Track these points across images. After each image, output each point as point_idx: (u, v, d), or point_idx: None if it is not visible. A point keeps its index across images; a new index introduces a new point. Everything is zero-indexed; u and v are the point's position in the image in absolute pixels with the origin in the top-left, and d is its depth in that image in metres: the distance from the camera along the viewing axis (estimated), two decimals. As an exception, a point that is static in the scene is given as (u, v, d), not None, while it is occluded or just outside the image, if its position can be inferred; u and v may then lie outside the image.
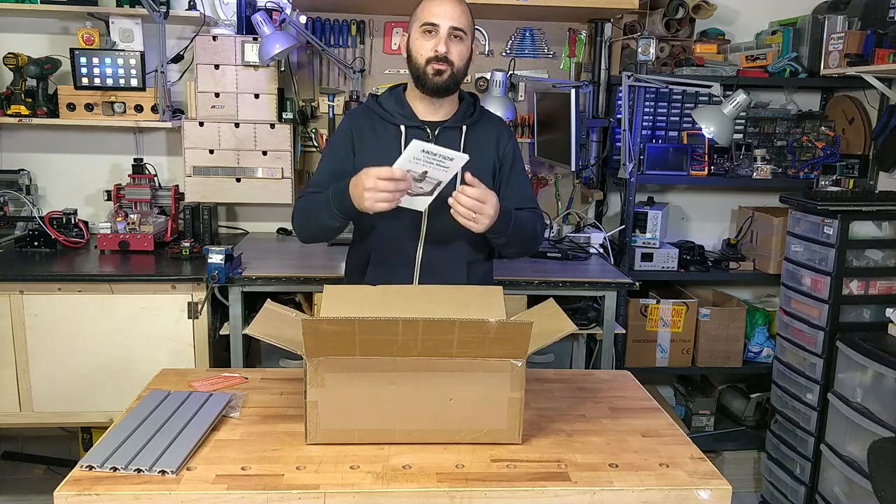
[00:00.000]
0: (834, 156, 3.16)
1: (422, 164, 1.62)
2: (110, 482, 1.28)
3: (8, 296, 2.54)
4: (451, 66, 1.81)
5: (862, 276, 2.67)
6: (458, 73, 1.83)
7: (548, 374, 1.88)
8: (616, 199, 3.42)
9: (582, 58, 3.31)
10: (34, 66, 2.89)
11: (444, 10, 1.79)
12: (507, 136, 1.97)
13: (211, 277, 2.49)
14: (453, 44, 1.81)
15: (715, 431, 3.37)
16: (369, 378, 1.41)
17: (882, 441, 2.25)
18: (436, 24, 1.79)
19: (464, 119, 1.90)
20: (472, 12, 1.87)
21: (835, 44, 2.81)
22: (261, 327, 1.56)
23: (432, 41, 1.80)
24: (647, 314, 3.14)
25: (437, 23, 1.79)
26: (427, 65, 1.81)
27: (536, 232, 1.94)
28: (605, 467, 1.40)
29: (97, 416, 2.66)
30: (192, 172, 3.01)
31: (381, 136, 1.87)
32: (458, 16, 1.80)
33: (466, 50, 1.84)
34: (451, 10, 1.80)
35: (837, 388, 2.65)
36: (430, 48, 1.79)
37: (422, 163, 1.61)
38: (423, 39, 1.81)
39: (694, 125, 2.98)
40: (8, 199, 3.07)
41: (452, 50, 1.80)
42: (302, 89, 3.22)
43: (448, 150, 1.61)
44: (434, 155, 1.60)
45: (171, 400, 1.58)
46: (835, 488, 2.65)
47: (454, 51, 1.81)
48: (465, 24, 1.82)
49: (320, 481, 1.31)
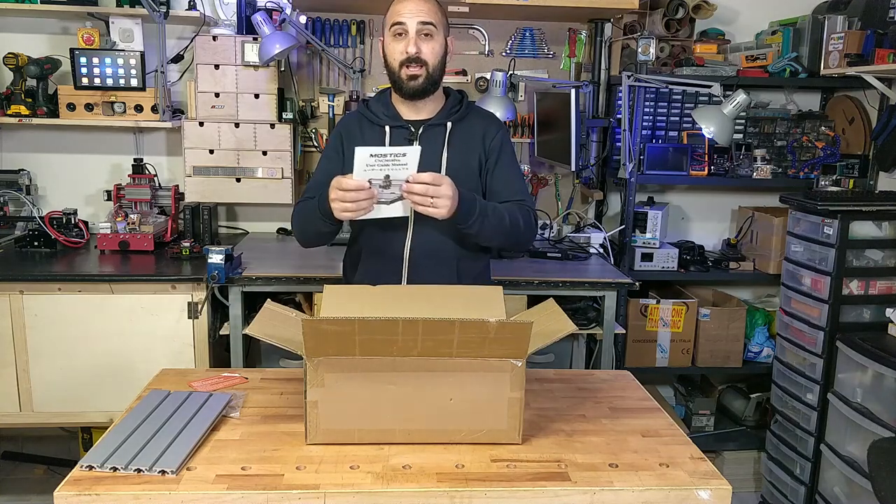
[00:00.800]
0: (834, 156, 3.16)
1: (377, 169, 1.60)
2: (110, 482, 1.28)
3: (8, 296, 2.54)
4: (424, 66, 1.80)
5: (862, 276, 2.67)
6: (433, 72, 1.82)
7: (548, 374, 1.88)
8: (616, 199, 3.42)
9: (582, 58, 3.31)
10: (34, 66, 2.89)
11: (409, 7, 1.79)
12: (495, 129, 1.94)
13: (211, 277, 2.49)
14: (424, 42, 1.80)
15: (715, 431, 3.37)
16: (369, 378, 1.41)
17: (882, 441, 2.25)
18: (403, 22, 1.79)
19: (449, 116, 1.89)
20: (442, 6, 1.85)
21: (835, 44, 2.81)
22: (261, 327, 1.56)
23: (403, 42, 1.79)
24: (647, 314, 3.14)
25: (404, 21, 1.78)
26: (401, 69, 1.81)
27: (518, 223, 1.83)
28: (605, 467, 1.40)
29: (97, 416, 2.66)
30: (192, 172, 3.01)
31: (368, 138, 1.88)
32: (426, 11, 1.79)
33: (440, 46, 1.83)
34: (415, 7, 1.79)
35: (837, 388, 2.65)
36: (402, 50, 1.79)
37: (377, 168, 1.60)
38: (395, 42, 1.81)
39: (694, 125, 2.98)
40: (8, 199, 3.07)
41: (424, 48, 1.80)
42: (302, 89, 3.22)
43: (396, 148, 1.60)
44: (385, 156, 1.59)
45: (171, 400, 1.58)
46: (835, 488, 2.65)
47: (426, 49, 1.80)
48: (435, 19, 1.81)
49: (320, 481, 1.31)
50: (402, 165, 1.61)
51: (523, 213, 1.87)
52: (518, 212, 1.85)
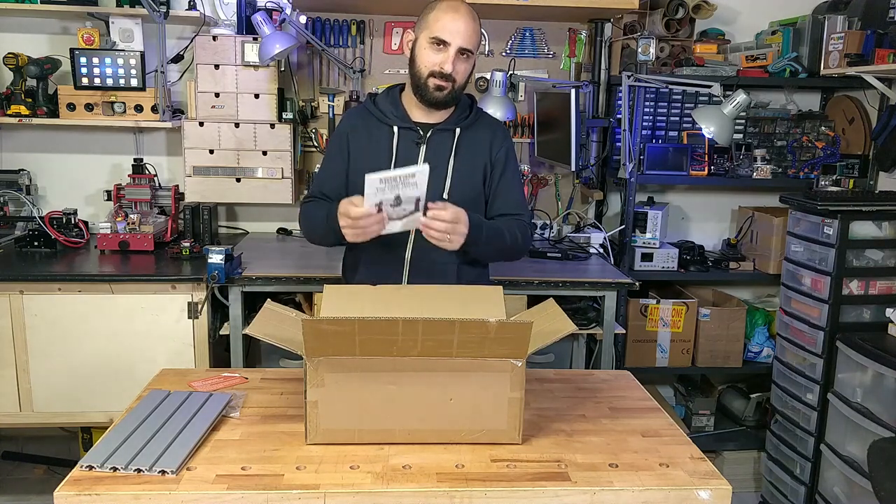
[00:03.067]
0: (834, 156, 3.16)
1: (387, 191, 1.60)
2: (110, 482, 1.28)
3: (8, 296, 2.54)
4: (452, 83, 1.80)
5: (862, 276, 2.67)
6: (458, 89, 1.83)
7: (548, 374, 1.88)
8: (616, 199, 3.42)
9: (582, 58, 3.31)
10: (34, 66, 2.88)
11: (457, 27, 1.76)
12: (502, 139, 1.94)
13: (211, 277, 2.49)
14: (460, 62, 1.79)
15: (715, 431, 3.37)
16: (369, 378, 1.41)
17: (882, 441, 2.25)
18: (447, 41, 1.77)
19: (458, 122, 1.89)
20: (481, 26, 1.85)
21: (835, 44, 2.81)
22: (261, 327, 1.56)
23: (439, 56, 1.78)
24: (647, 314, 3.14)
25: (449, 41, 1.77)
26: (429, 77, 1.80)
27: (516, 241, 1.88)
28: (605, 467, 1.40)
29: (97, 416, 2.66)
30: (192, 172, 3.01)
31: (375, 137, 1.88)
32: (470, 36, 1.78)
33: (470, 67, 1.84)
34: (464, 30, 1.77)
35: (837, 388, 2.65)
36: (436, 63, 1.78)
37: (386, 190, 1.60)
38: (430, 51, 1.79)
39: (694, 125, 2.98)
40: (8, 199, 3.07)
41: (458, 68, 1.79)
42: (302, 89, 3.22)
43: (404, 169, 1.59)
44: (394, 179, 1.59)
45: (171, 400, 1.58)
46: (835, 488, 2.65)
47: (459, 69, 1.80)
48: (474, 45, 1.81)
49: (320, 481, 1.31)
50: (412, 184, 1.61)
51: (521, 228, 1.91)
52: (517, 228, 1.89)
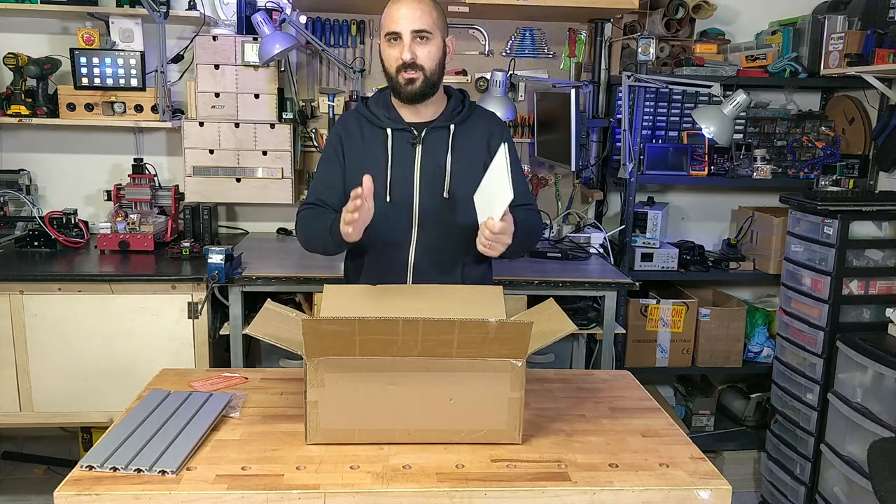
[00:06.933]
0: (834, 156, 3.16)
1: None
2: (110, 482, 1.28)
3: (8, 296, 2.54)
4: (421, 70, 1.77)
5: (862, 276, 2.67)
6: (431, 75, 1.79)
7: (548, 374, 1.88)
8: (616, 199, 3.42)
9: (582, 58, 3.31)
10: (34, 66, 2.89)
11: (402, 14, 1.75)
12: (500, 132, 1.92)
13: (211, 277, 2.49)
14: (419, 46, 1.76)
15: (715, 431, 3.37)
16: (369, 378, 1.41)
17: (882, 441, 2.25)
18: (397, 31, 1.76)
19: (451, 118, 1.87)
20: (439, 6, 1.81)
21: (835, 44, 2.81)
22: (261, 327, 1.56)
23: (397, 49, 1.77)
24: (647, 314, 3.14)
25: (398, 30, 1.75)
26: (398, 73, 1.79)
27: (537, 233, 1.96)
28: (605, 467, 1.40)
29: (97, 416, 2.66)
30: (192, 172, 3.01)
31: (369, 140, 1.87)
32: (419, 17, 1.75)
33: (437, 48, 1.79)
34: (409, 14, 1.75)
35: (837, 388, 2.65)
36: (397, 57, 1.77)
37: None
38: (390, 48, 1.78)
39: (694, 125, 2.98)
40: (8, 199, 3.07)
41: (419, 53, 1.76)
42: (302, 89, 3.21)
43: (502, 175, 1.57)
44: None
45: (171, 400, 1.58)
46: (835, 488, 2.65)
47: (421, 53, 1.77)
48: (429, 24, 1.76)
49: (320, 481, 1.31)
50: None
51: (537, 218, 1.95)
52: (534, 220, 1.92)
